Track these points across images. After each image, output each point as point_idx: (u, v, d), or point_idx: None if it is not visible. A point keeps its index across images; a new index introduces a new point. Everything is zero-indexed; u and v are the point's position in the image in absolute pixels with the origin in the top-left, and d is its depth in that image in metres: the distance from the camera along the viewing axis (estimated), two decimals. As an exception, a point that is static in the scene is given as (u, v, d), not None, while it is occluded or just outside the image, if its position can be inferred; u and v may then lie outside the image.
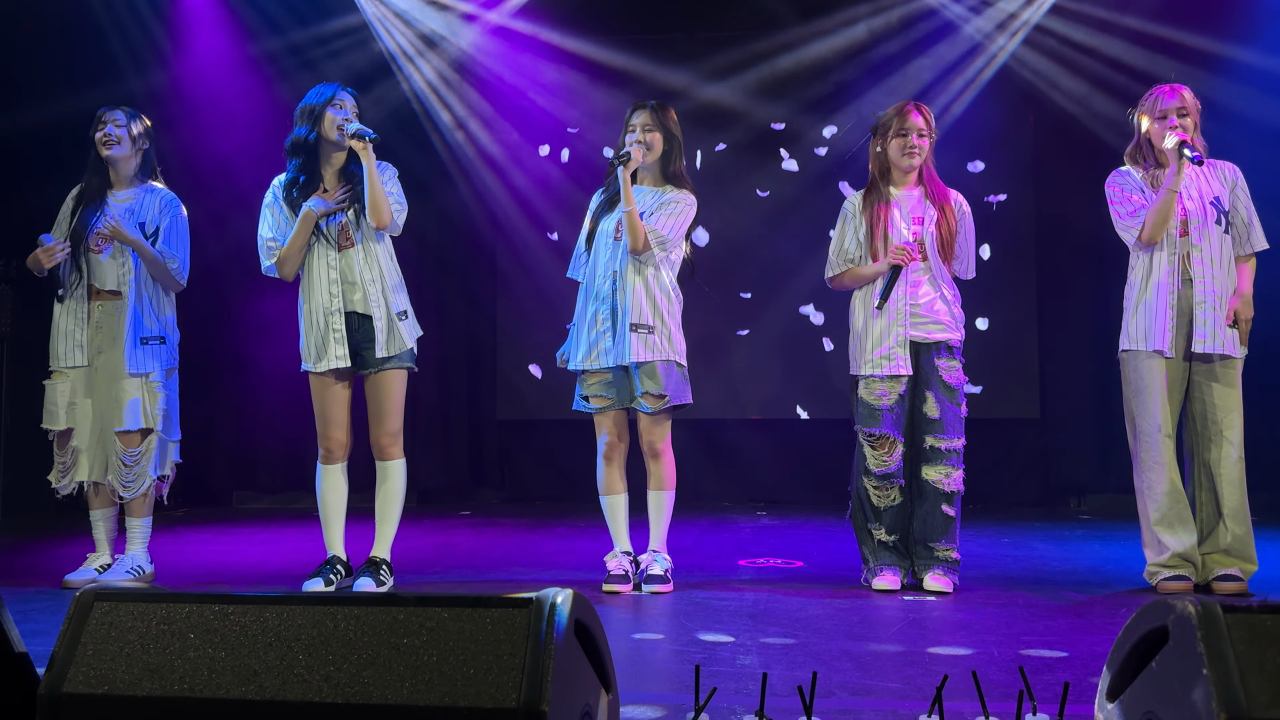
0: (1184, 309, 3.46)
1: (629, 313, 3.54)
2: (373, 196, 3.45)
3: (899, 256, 3.46)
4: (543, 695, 1.29)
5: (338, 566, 3.57)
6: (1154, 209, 3.45)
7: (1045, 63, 6.20)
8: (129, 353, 3.67)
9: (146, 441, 3.68)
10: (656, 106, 3.66)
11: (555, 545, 4.79)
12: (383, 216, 3.47)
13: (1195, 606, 1.28)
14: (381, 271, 3.54)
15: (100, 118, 3.76)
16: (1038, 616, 3.07)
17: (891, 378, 3.51)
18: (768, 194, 6.54)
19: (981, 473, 5.22)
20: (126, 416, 3.64)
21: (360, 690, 1.34)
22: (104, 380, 3.68)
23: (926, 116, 3.59)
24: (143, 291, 3.72)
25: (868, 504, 3.54)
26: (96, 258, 3.70)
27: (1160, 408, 3.44)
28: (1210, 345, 3.41)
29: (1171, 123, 3.45)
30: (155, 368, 3.71)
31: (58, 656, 1.43)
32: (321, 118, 3.52)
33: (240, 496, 6.88)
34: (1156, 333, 3.46)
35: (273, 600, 1.43)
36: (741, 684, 2.32)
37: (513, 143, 6.68)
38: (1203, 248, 3.45)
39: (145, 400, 3.67)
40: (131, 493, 3.67)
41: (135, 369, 3.67)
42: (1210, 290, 3.44)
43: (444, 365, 6.65)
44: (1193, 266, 3.45)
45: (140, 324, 3.70)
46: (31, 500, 5.73)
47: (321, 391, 3.57)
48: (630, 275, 3.57)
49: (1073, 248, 6.26)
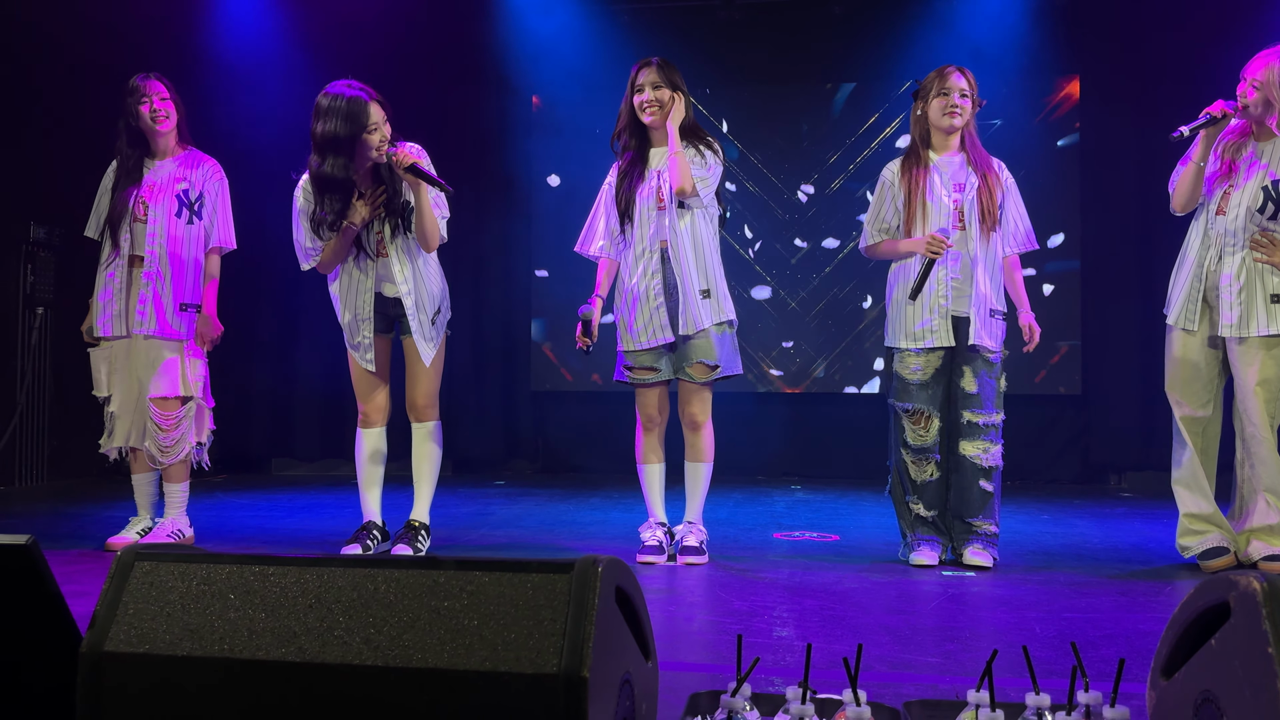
0: (1212, 286, 3.39)
1: (694, 278, 3.49)
2: (423, 229, 3.38)
3: (933, 248, 3.37)
4: (584, 661, 1.27)
5: (374, 532, 3.59)
6: (1179, 179, 3.44)
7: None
8: (168, 320, 3.69)
9: (186, 408, 3.72)
10: (661, 63, 3.54)
11: (589, 516, 4.78)
12: (432, 244, 3.42)
13: (1261, 583, 1.23)
14: (418, 278, 3.48)
15: (141, 90, 3.68)
16: (1079, 594, 3.02)
17: (928, 350, 3.45)
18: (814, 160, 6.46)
19: (1022, 449, 5.15)
20: (164, 383, 3.67)
21: (400, 653, 1.33)
22: (143, 348, 3.71)
23: (969, 78, 3.50)
24: (183, 260, 3.73)
25: (906, 477, 3.50)
26: (140, 227, 3.72)
27: (1168, 375, 3.49)
28: (1234, 330, 3.34)
29: (1239, 89, 3.34)
30: (189, 335, 3.74)
31: (99, 615, 1.43)
32: (354, 146, 3.30)
33: (279, 464, 6.95)
34: (1178, 306, 3.46)
35: (313, 562, 1.42)
36: (779, 655, 2.30)
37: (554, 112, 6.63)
38: (1242, 230, 3.33)
39: (183, 367, 3.70)
40: (170, 457, 3.70)
41: (174, 335, 3.70)
42: (1233, 274, 3.33)
43: (478, 336, 6.66)
44: (1223, 246, 3.37)
45: (180, 291, 3.72)
46: (77, 465, 5.83)
47: (375, 353, 3.58)
48: (680, 240, 3.51)
49: (1117, 223, 6.14)
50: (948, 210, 3.46)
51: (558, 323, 6.62)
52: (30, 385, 5.66)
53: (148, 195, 3.71)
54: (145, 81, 3.71)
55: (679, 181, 3.43)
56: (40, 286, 5.74)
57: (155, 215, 3.71)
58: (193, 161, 3.80)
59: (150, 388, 3.68)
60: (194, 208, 3.75)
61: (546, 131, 6.70)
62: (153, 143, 3.77)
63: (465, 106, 6.67)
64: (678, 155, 3.44)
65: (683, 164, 3.43)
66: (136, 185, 3.71)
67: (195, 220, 3.76)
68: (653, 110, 3.51)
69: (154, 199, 3.71)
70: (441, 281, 3.62)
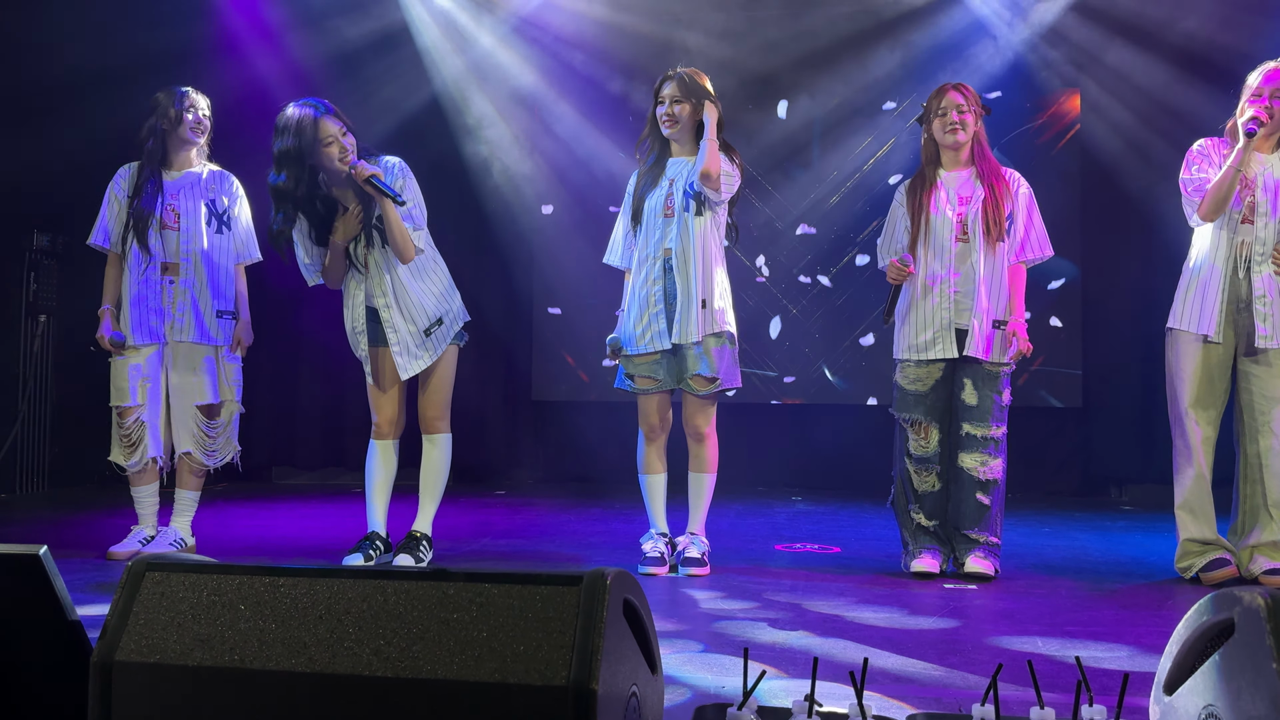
0: (1237, 297, 3.39)
1: (694, 289, 3.50)
2: (394, 240, 3.41)
3: (892, 274, 3.45)
4: (593, 674, 1.28)
5: (377, 542, 3.59)
6: (1214, 185, 3.35)
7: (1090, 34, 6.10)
8: (207, 327, 3.73)
9: (225, 412, 3.79)
10: (684, 77, 3.58)
11: (591, 526, 4.79)
12: (404, 255, 3.43)
13: (1265, 599, 1.24)
14: (398, 290, 3.49)
15: (190, 100, 3.75)
16: (1081, 606, 3.03)
17: (929, 362, 3.47)
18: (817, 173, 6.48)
19: (1022, 461, 5.16)
20: (207, 389, 3.72)
21: (410, 665, 1.34)
22: (183, 354, 3.74)
23: (965, 93, 3.53)
24: (216, 266, 3.77)
25: (909, 486, 3.51)
26: (172, 235, 3.73)
27: (1188, 390, 3.39)
28: (1272, 341, 3.33)
29: (1264, 100, 3.33)
30: (226, 341, 3.79)
31: (110, 625, 1.44)
32: (308, 158, 3.33)
33: (279, 472, 6.94)
34: (1205, 317, 3.39)
35: (323, 573, 1.43)
36: (784, 667, 2.30)
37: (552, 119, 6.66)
38: (1266, 239, 3.36)
39: (221, 372, 3.77)
40: (217, 460, 3.79)
41: (212, 341, 3.75)
42: (1270, 283, 3.34)
43: (480, 344, 6.66)
44: (1252, 256, 3.37)
45: (216, 297, 3.77)
46: (77, 473, 5.82)
47: (376, 365, 3.59)
48: (685, 250, 3.52)
49: (1118, 233, 6.16)
50: (950, 224, 3.48)
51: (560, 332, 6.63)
52: (32, 393, 5.66)
53: (175, 203, 3.73)
54: (189, 93, 3.78)
55: (708, 163, 3.44)
56: (43, 294, 5.75)
57: (187, 223, 3.74)
58: (218, 175, 3.86)
59: (194, 395, 3.72)
60: (223, 218, 3.81)
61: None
62: (177, 152, 3.79)
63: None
64: (712, 140, 3.46)
65: (714, 149, 3.46)
66: (161, 192, 3.74)
67: (225, 230, 3.82)
68: (669, 122, 3.55)
69: (183, 207, 3.74)
70: (441, 291, 3.62)
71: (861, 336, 6.41)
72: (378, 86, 6.35)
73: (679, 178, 3.57)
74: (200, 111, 3.78)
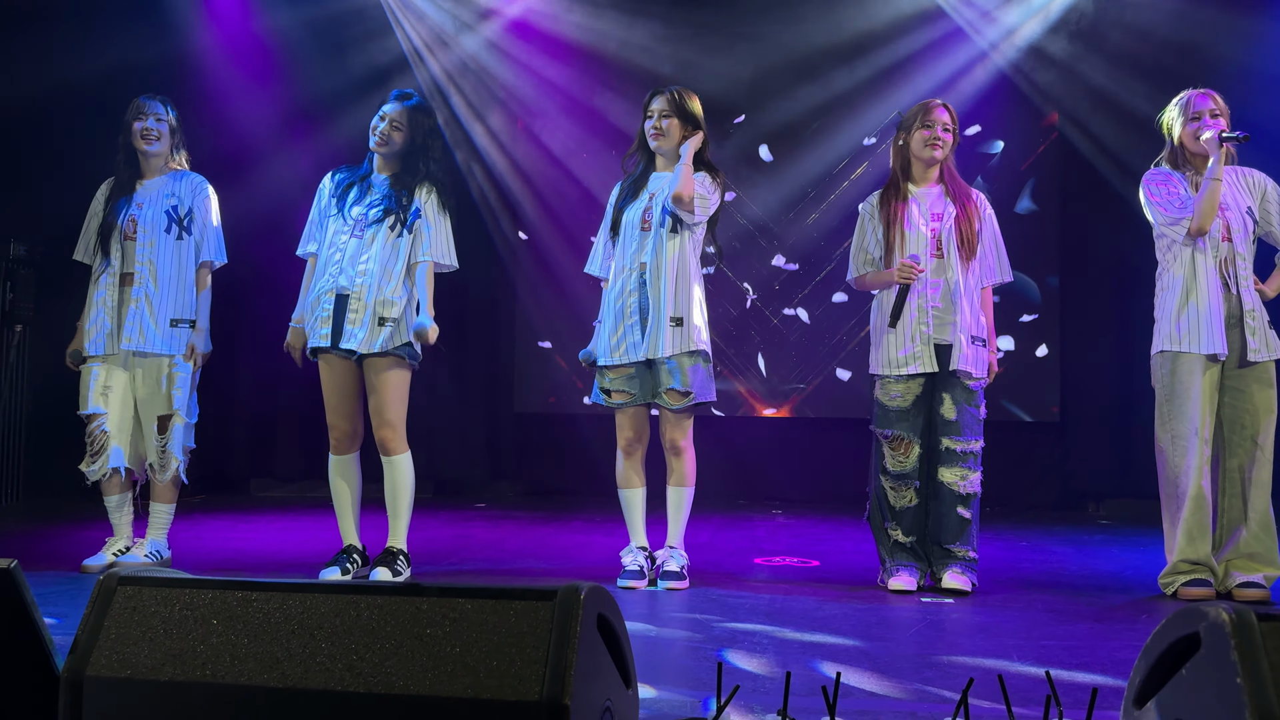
0: (1229, 313, 3.44)
1: (665, 304, 3.52)
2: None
3: (903, 274, 3.42)
4: (566, 689, 1.28)
5: (354, 556, 3.58)
6: (1202, 198, 3.40)
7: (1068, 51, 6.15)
8: (157, 335, 3.70)
9: (171, 424, 3.72)
10: (675, 92, 3.61)
11: (571, 539, 4.78)
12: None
13: (1229, 614, 1.26)
14: (383, 268, 3.51)
15: (140, 109, 3.76)
16: (1057, 621, 3.05)
17: (910, 377, 3.48)
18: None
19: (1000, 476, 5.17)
20: (164, 400, 3.70)
21: (383, 680, 1.34)
22: (143, 367, 3.72)
23: (952, 113, 3.58)
24: (173, 273, 3.75)
25: (885, 503, 3.52)
26: (131, 245, 3.73)
27: (1199, 411, 3.39)
28: (1265, 353, 3.42)
29: (1206, 122, 3.46)
30: (179, 350, 3.74)
31: (80, 639, 1.43)
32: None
33: (258, 484, 6.90)
34: (1212, 336, 3.40)
35: (296, 588, 1.43)
36: (759, 682, 2.31)
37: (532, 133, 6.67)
38: (1245, 255, 3.47)
39: (172, 382, 3.72)
40: (163, 476, 3.71)
41: (163, 350, 3.71)
42: (1254, 297, 3.46)
43: (461, 357, 6.65)
44: (1238, 272, 3.44)
45: (170, 305, 3.73)
46: (51, 485, 5.77)
47: (325, 377, 3.59)
48: (659, 265, 3.53)
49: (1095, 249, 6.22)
50: (925, 240, 3.51)
51: (541, 344, 6.63)
52: (7, 404, 5.61)
53: (137, 213, 3.73)
54: (146, 101, 3.78)
55: (679, 187, 3.47)
56: (20, 304, 5.70)
57: (145, 232, 3.73)
58: (179, 178, 3.84)
59: (155, 407, 3.69)
60: (183, 223, 3.77)
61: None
62: (143, 162, 3.80)
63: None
64: (686, 165, 3.49)
65: (688, 173, 3.48)
66: (128, 204, 3.73)
67: (185, 236, 3.78)
68: (656, 135, 3.58)
69: (143, 216, 3.73)
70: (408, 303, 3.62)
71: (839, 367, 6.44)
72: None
73: (659, 193, 3.59)
74: (154, 118, 3.76)
